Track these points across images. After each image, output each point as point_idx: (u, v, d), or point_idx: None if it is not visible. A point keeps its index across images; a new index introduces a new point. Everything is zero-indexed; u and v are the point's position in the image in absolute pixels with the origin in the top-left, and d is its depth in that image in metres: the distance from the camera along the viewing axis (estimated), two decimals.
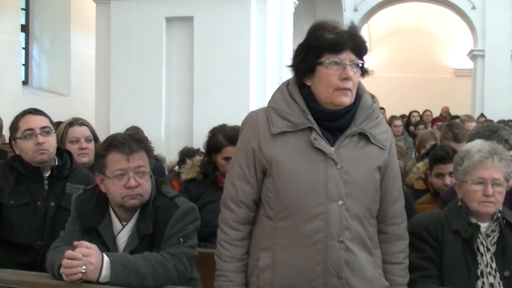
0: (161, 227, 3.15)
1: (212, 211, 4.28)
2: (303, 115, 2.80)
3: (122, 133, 3.24)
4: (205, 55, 7.02)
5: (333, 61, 2.74)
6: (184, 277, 3.10)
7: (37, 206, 3.78)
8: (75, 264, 2.89)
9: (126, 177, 3.11)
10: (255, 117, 2.89)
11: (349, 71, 2.73)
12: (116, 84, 7.23)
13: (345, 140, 2.82)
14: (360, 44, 2.80)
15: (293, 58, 2.89)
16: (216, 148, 4.44)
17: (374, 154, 2.86)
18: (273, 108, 2.86)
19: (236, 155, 2.95)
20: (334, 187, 2.76)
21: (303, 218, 2.76)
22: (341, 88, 2.74)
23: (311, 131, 2.79)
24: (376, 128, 2.88)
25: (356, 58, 2.77)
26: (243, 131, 2.93)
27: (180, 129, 6.95)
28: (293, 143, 2.80)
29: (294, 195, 2.78)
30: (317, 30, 2.81)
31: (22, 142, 3.79)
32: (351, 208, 2.78)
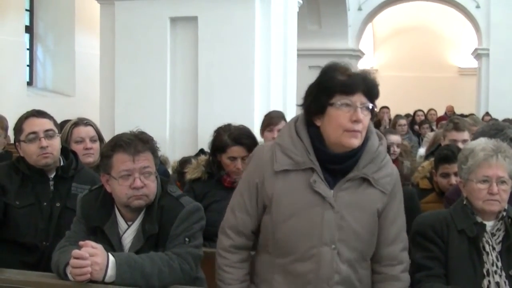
0: (166, 227, 3.15)
1: (217, 210, 4.29)
2: (307, 155, 2.85)
3: (128, 133, 3.22)
4: (209, 55, 7.02)
5: (344, 102, 2.76)
6: (189, 277, 3.10)
7: (42, 207, 3.78)
8: (83, 264, 2.89)
9: (131, 178, 3.11)
10: (262, 151, 2.99)
11: (360, 114, 2.75)
12: (120, 84, 7.23)
13: (346, 183, 2.86)
14: (372, 87, 2.82)
15: (304, 97, 2.92)
16: (221, 147, 4.43)
17: (374, 198, 2.90)
18: (279, 145, 2.92)
19: (240, 184, 3.03)
20: (328, 231, 2.82)
21: (298, 258, 2.85)
22: (351, 130, 2.77)
23: (313, 172, 2.84)
24: (379, 172, 2.91)
25: (367, 101, 2.79)
26: (250, 163, 3.03)
27: (185, 128, 6.95)
28: (294, 182, 2.86)
29: (290, 235, 2.85)
30: (330, 71, 2.83)
31: (25, 145, 3.79)
32: (342, 253, 2.84)
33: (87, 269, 2.89)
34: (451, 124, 5.70)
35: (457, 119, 5.85)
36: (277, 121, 5.80)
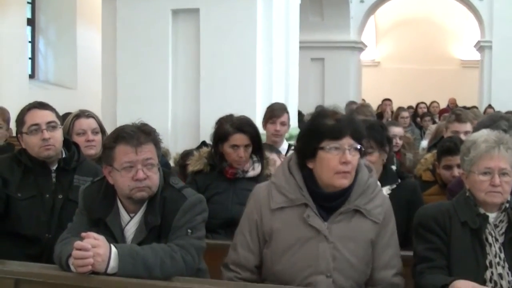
0: (169, 219, 3.14)
1: (219, 202, 4.32)
2: (299, 191, 3.11)
3: (130, 125, 3.20)
4: (211, 48, 7.01)
5: (333, 146, 3.02)
6: (192, 268, 3.09)
7: (44, 199, 3.79)
8: (85, 255, 2.88)
9: (134, 170, 3.10)
10: (259, 191, 3.25)
11: (348, 156, 3.01)
12: (122, 77, 7.22)
13: (339, 216, 3.09)
14: (358, 130, 3.09)
15: (296, 141, 3.25)
16: (224, 136, 4.45)
17: (367, 228, 3.12)
18: (274, 184, 3.20)
19: (242, 222, 3.26)
20: (323, 262, 3.04)
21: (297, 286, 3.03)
22: (341, 171, 3.02)
23: (306, 207, 3.08)
24: (370, 203, 3.14)
25: (354, 143, 3.05)
26: (249, 201, 3.27)
27: (187, 121, 6.94)
28: (289, 218, 3.10)
29: (288, 266, 3.08)
30: (318, 117, 3.13)
31: (28, 137, 3.79)
32: (337, 281, 3.04)
33: (89, 261, 2.88)
34: (453, 115, 5.72)
35: (460, 110, 5.87)
36: (279, 113, 5.80)
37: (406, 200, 4.03)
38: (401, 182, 4.16)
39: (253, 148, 4.48)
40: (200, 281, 2.97)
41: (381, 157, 4.06)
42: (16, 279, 3.06)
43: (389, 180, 4.08)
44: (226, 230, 4.36)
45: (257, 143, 4.52)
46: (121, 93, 7.20)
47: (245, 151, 4.40)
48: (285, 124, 5.83)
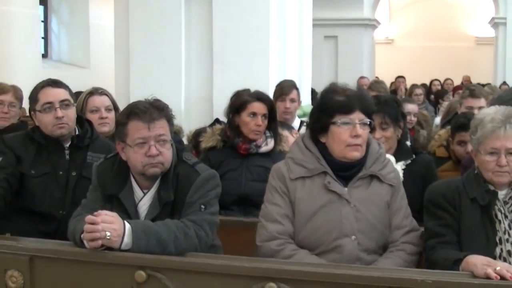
0: (182, 194, 3.14)
1: (233, 179, 4.32)
2: (317, 161, 3.29)
3: (143, 101, 3.20)
4: (224, 24, 6.96)
5: (344, 121, 3.20)
6: (205, 244, 3.09)
7: (58, 176, 3.80)
8: (95, 228, 2.88)
9: (147, 146, 3.09)
10: (278, 166, 3.41)
11: (358, 129, 3.19)
12: (135, 55, 7.19)
13: (357, 182, 3.29)
14: (368, 105, 3.28)
15: (309, 118, 3.43)
16: (242, 104, 4.47)
17: (384, 192, 3.32)
18: (291, 158, 3.37)
19: (269, 197, 3.36)
20: (347, 224, 3.21)
21: (322, 251, 3.22)
22: (352, 144, 3.21)
23: (326, 175, 3.27)
24: (384, 169, 3.36)
25: (364, 117, 3.23)
26: (271, 177, 3.40)
27: (200, 98, 6.90)
28: (310, 187, 3.27)
29: (314, 232, 3.24)
30: (329, 93, 3.31)
31: (41, 115, 3.80)
32: (362, 242, 3.21)
33: (100, 234, 2.88)
34: (467, 91, 5.71)
35: (473, 86, 5.85)
36: (288, 91, 5.78)
37: (421, 175, 4.05)
38: (416, 158, 4.18)
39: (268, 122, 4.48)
40: (215, 257, 2.96)
41: (395, 133, 4.08)
42: (31, 256, 3.08)
43: (404, 156, 4.09)
44: (240, 207, 4.37)
45: (273, 116, 4.53)
46: (134, 72, 7.17)
47: (263, 121, 4.41)
48: (295, 101, 5.81)
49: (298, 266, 2.82)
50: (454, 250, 3.08)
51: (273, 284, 2.73)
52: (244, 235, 3.92)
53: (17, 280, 3.08)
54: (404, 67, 18.64)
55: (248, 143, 4.44)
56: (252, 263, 2.81)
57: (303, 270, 2.76)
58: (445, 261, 2.96)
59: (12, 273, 3.09)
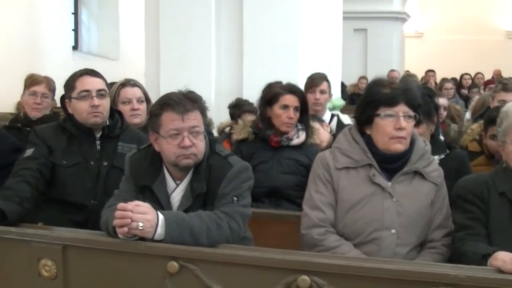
0: (214, 186, 3.14)
1: (264, 171, 4.32)
2: (364, 153, 3.31)
3: (177, 92, 3.20)
4: (254, 17, 6.96)
5: (388, 113, 3.23)
6: (238, 236, 3.10)
7: (89, 166, 3.82)
8: (126, 214, 2.88)
9: (180, 137, 3.09)
10: (323, 155, 3.45)
11: (402, 122, 3.21)
12: (165, 47, 7.22)
13: (401, 177, 3.30)
14: (413, 98, 3.27)
15: (355, 109, 3.47)
16: (274, 97, 4.47)
17: (427, 189, 3.32)
18: (337, 148, 3.41)
19: (313, 185, 3.40)
20: (388, 217, 3.23)
21: (361, 241, 3.25)
22: (396, 136, 3.23)
23: (371, 167, 3.29)
24: (429, 166, 3.36)
25: (409, 110, 3.24)
26: (315, 166, 3.44)
27: (230, 91, 6.91)
28: (354, 177, 3.31)
29: (353, 222, 3.27)
30: (375, 85, 3.34)
31: (77, 102, 3.82)
32: (401, 237, 3.24)
33: (129, 221, 2.88)
34: (500, 85, 5.66)
35: (506, 80, 5.80)
36: (318, 82, 5.75)
37: (455, 170, 4.02)
38: (450, 152, 4.18)
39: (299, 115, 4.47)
40: (247, 249, 2.96)
41: (428, 128, 4.06)
42: (64, 245, 3.10)
43: (438, 150, 4.06)
44: (270, 199, 4.38)
45: (305, 109, 4.52)
46: (164, 64, 7.20)
47: (295, 113, 4.41)
48: (325, 93, 5.78)
49: (331, 259, 2.80)
50: (483, 244, 3.05)
51: (305, 277, 2.71)
52: (274, 227, 3.94)
53: (50, 269, 3.11)
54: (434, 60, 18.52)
55: (279, 136, 4.44)
56: (285, 256, 2.79)
57: (336, 263, 2.73)
58: (473, 255, 2.94)
59: (46, 262, 3.11)
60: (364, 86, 13.15)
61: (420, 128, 3.95)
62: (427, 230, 3.32)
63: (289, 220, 3.91)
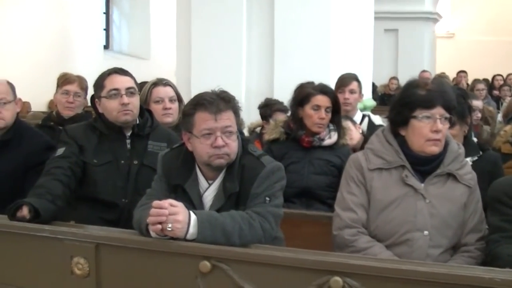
0: (247, 186, 3.13)
1: (295, 171, 4.31)
2: (396, 154, 3.31)
3: (210, 92, 3.19)
4: (285, 17, 6.96)
5: (425, 115, 3.21)
6: (270, 236, 3.08)
7: (120, 165, 3.83)
8: (160, 212, 2.87)
9: (213, 137, 3.08)
10: (356, 156, 3.45)
11: (439, 125, 3.20)
12: (196, 47, 7.23)
13: (434, 179, 3.28)
14: (449, 100, 3.26)
15: (390, 111, 3.44)
16: (305, 97, 4.46)
17: (460, 192, 3.30)
18: (370, 149, 3.40)
19: (345, 187, 3.40)
20: (421, 218, 3.22)
21: (393, 243, 3.25)
22: (432, 139, 3.22)
23: (403, 168, 3.29)
24: (462, 169, 3.34)
25: (445, 113, 3.23)
26: (348, 166, 3.45)
27: (260, 91, 6.91)
28: (387, 179, 3.30)
29: (385, 223, 3.27)
30: (411, 87, 3.33)
31: (106, 101, 3.83)
32: (434, 238, 3.22)
33: (164, 218, 2.87)
34: None
35: None
36: (348, 82, 5.72)
37: (488, 172, 3.98)
38: (483, 154, 4.14)
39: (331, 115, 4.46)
40: (280, 249, 2.95)
41: (462, 129, 4.02)
42: (96, 243, 3.11)
43: (471, 152, 4.02)
44: (301, 199, 4.37)
45: (337, 109, 4.51)
46: (195, 63, 7.22)
47: (326, 114, 4.40)
48: (355, 92, 5.74)
49: (364, 261, 2.76)
50: None
51: (338, 278, 2.68)
52: (306, 228, 3.93)
53: (82, 267, 3.12)
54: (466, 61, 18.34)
55: (311, 136, 4.43)
56: (318, 256, 2.76)
57: (369, 265, 2.70)
58: (508, 257, 2.92)
59: (78, 260, 3.12)
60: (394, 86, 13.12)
61: (453, 130, 3.92)
62: (459, 232, 3.29)
63: (321, 221, 3.90)
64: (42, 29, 12.21)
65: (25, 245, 3.28)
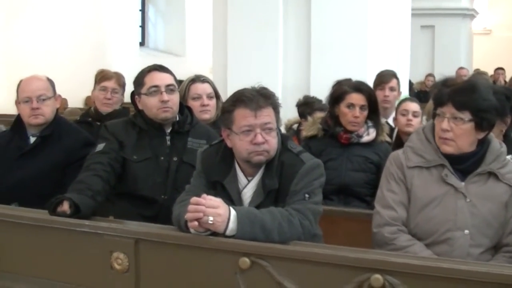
0: (286, 183, 3.12)
1: (333, 168, 4.29)
2: (436, 153, 3.28)
3: (250, 88, 3.19)
4: (322, 12, 6.92)
5: (437, 113, 3.24)
6: (309, 233, 3.06)
7: (159, 161, 3.85)
8: (198, 208, 2.87)
9: (253, 133, 3.08)
10: (396, 154, 3.43)
11: (445, 123, 3.17)
12: (233, 43, 7.23)
13: (475, 177, 3.24)
14: (464, 100, 3.15)
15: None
16: (340, 95, 4.44)
17: (501, 191, 3.24)
18: (410, 147, 3.39)
19: (385, 184, 3.39)
20: (462, 217, 3.18)
21: (433, 241, 3.22)
22: (441, 137, 3.22)
23: (443, 167, 3.25)
24: (504, 168, 3.28)
25: (457, 112, 3.15)
26: (388, 164, 3.44)
27: (297, 87, 6.89)
28: (427, 177, 3.27)
29: (425, 222, 3.24)
30: (441, 85, 3.33)
31: (146, 98, 3.85)
32: (474, 238, 3.18)
33: (201, 215, 2.87)
34: None
35: None
36: (387, 79, 5.70)
37: None
38: None
39: (369, 112, 4.43)
40: (319, 246, 2.93)
41: (498, 128, 3.93)
42: (136, 239, 3.12)
43: (511, 150, 3.95)
44: (339, 196, 4.35)
45: (373, 106, 4.47)
46: (231, 60, 7.22)
47: (361, 112, 4.37)
48: (394, 90, 5.73)
49: (405, 259, 2.74)
50: None
51: (379, 276, 2.66)
52: (344, 225, 3.92)
53: (122, 262, 3.14)
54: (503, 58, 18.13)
55: (349, 133, 4.41)
56: (358, 254, 2.75)
57: (410, 263, 2.67)
58: None
59: (118, 255, 3.14)
60: (431, 83, 13.02)
61: None
62: (501, 232, 3.24)
63: (359, 218, 3.88)
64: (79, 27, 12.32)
65: (66, 240, 3.31)
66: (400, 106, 5.12)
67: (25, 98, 4.19)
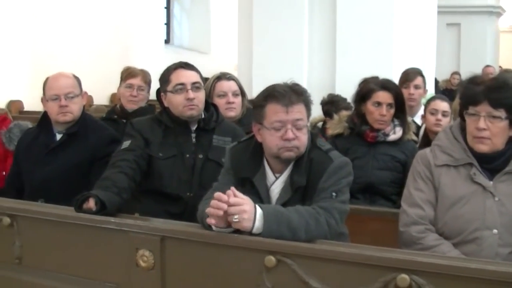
0: (314, 180, 3.10)
1: (359, 166, 4.26)
2: (464, 152, 3.24)
3: (282, 84, 3.18)
4: (348, 10, 6.92)
5: (471, 112, 3.17)
6: (335, 232, 3.04)
7: (185, 158, 3.85)
8: (220, 205, 2.85)
9: (284, 129, 3.07)
10: (424, 153, 3.40)
11: (482, 122, 3.11)
12: (258, 41, 7.24)
13: (503, 176, 3.19)
14: (500, 97, 3.10)
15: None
16: (367, 93, 4.42)
17: None
18: (438, 145, 3.36)
19: (412, 183, 3.37)
20: (490, 216, 3.13)
21: (461, 241, 3.17)
22: (477, 136, 3.16)
23: (471, 166, 3.21)
24: None
25: (493, 110, 3.10)
26: (415, 163, 3.41)
27: (322, 85, 6.88)
28: (455, 176, 3.24)
29: (453, 221, 3.20)
30: (468, 82, 3.28)
31: (172, 96, 3.85)
32: (503, 237, 3.12)
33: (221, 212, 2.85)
34: None
35: None
36: (413, 77, 5.68)
37: None
38: None
39: (395, 111, 4.40)
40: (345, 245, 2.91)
41: None
42: (162, 236, 3.13)
43: None
44: (365, 195, 4.33)
45: (400, 105, 4.44)
46: (256, 57, 7.23)
47: (388, 111, 4.34)
48: (419, 88, 5.70)
49: (431, 258, 2.71)
50: None
51: (405, 275, 2.63)
52: (370, 224, 3.89)
53: (148, 260, 3.14)
54: None
55: (375, 131, 4.38)
56: (384, 253, 2.72)
57: (436, 263, 2.64)
58: None
59: (143, 253, 3.15)
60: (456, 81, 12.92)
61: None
62: None
63: (386, 217, 3.86)
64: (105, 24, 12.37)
65: (91, 236, 3.33)
66: (429, 104, 5.06)
67: (53, 95, 4.20)
